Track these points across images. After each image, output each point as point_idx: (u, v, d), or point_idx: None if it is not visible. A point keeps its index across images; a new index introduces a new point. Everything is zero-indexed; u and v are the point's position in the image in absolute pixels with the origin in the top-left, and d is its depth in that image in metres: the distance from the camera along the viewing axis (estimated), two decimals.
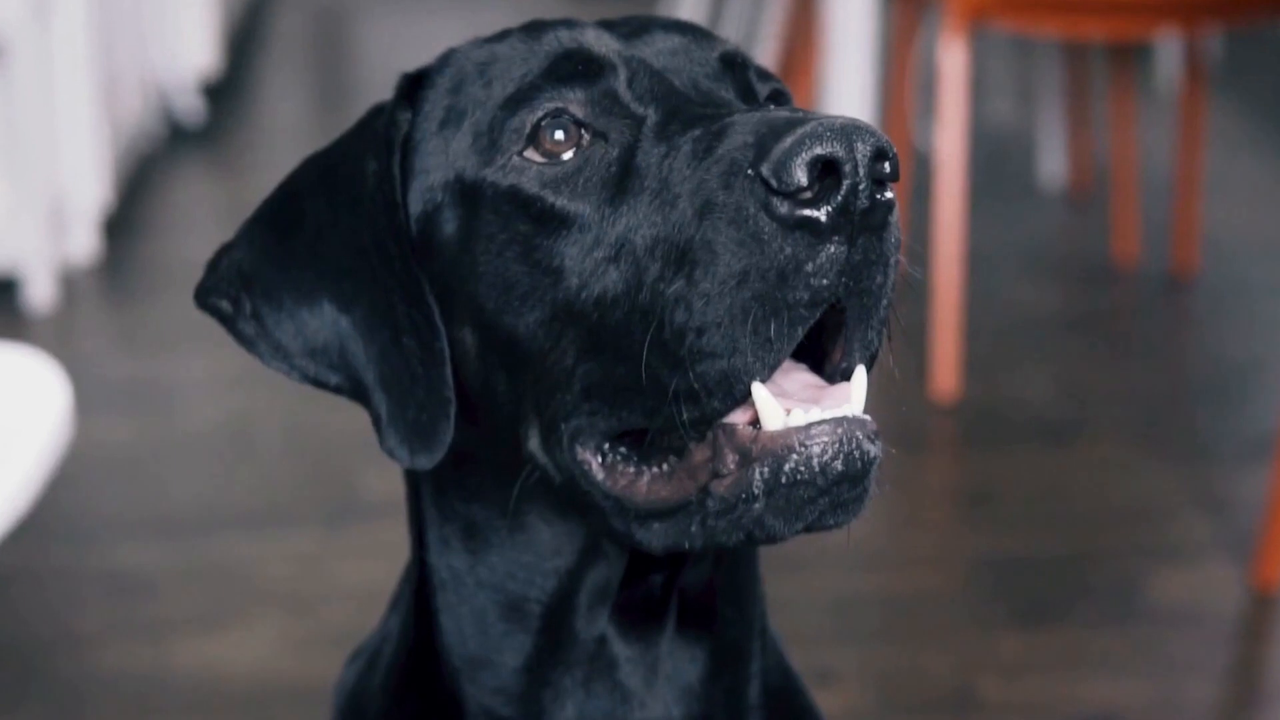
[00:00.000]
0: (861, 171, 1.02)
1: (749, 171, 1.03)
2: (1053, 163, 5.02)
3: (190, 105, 5.65)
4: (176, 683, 2.48)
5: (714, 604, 1.22)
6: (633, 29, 1.22)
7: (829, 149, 1.01)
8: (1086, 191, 4.91)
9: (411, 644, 1.27)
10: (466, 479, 1.22)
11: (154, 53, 5.29)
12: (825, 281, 1.03)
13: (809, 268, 1.03)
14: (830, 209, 1.02)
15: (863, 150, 1.02)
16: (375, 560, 2.77)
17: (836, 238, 1.03)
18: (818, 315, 1.05)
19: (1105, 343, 3.93)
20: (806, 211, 1.02)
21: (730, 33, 5.18)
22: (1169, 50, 5.82)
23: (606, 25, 1.24)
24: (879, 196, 1.04)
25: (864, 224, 1.03)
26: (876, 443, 1.06)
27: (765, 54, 4.66)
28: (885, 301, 1.08)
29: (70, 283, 4.16)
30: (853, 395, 1.08)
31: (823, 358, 1.10)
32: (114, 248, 4.41)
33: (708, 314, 1.04)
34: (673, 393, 1.05)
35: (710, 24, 5.24)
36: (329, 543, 2.88)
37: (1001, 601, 2.69)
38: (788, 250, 1.02)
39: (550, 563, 1.19)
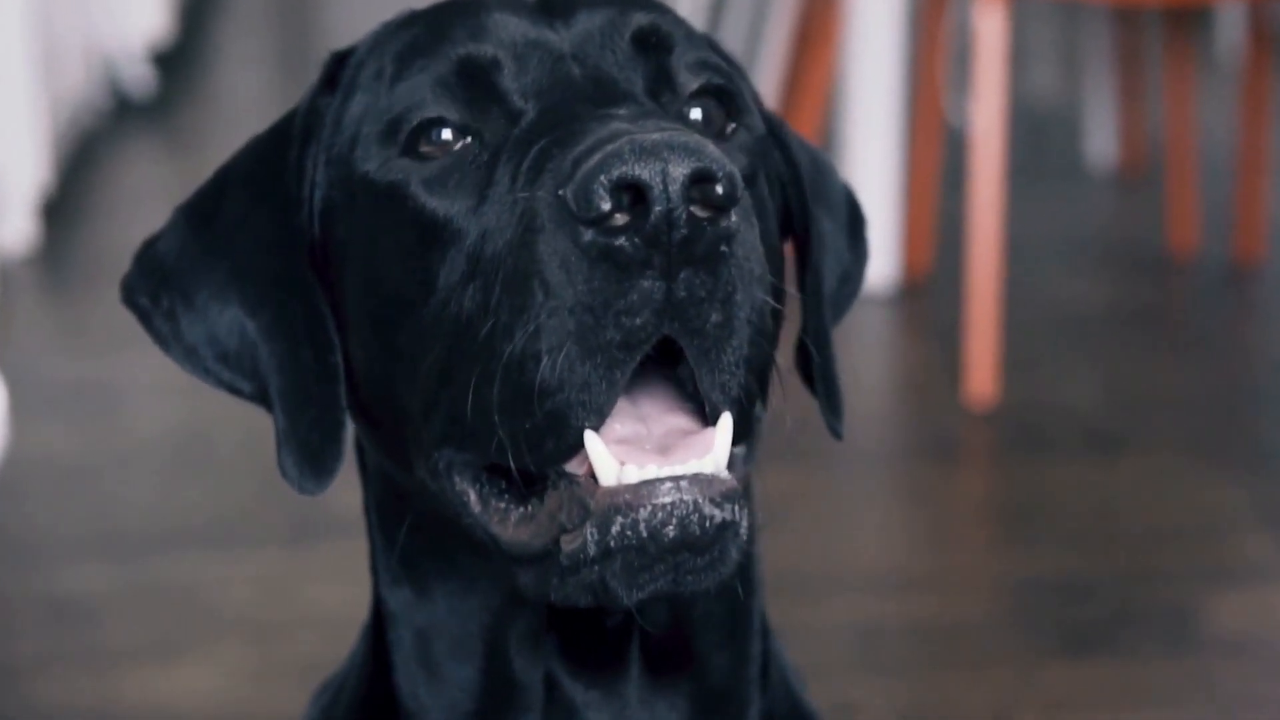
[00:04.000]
0: (674, 196, 1.00)
1: (559, 193, 1.03)
2: (1102, 141, 5.03)
3: (138, 76, 5.66)
4: (124, 718, 2.49)
5: (688, 647, 1.23)
6: (560, 7, 1.23)
7: (631, 171, 1.00)
8: (1139, 172, 4.91)
9: (371, 681, 1.30)
10: (396, 506, 1.25)
11: (98, 17, 5.30)
12: (638, 321, 1.02)
13: (619, 305, 1.02)
14: (636, 239, 1.01)
15: (676, 171, 1.00)
16: (344, 583, 2.77)
17: (649, 271, 1.02)
18: (637, 358, 1.04)
19: (1159, 341, 3.94)
20: (613, 241, 1.01)
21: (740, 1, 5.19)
22: (1231, 15, 5.83)
23: (547, 6, 1.24)
24: (709, 226, 1.02)
25: (684, 256, 1.02)
26: (727, 505, 1.05)
27: (778, 22, 4.67)
28: (735, 342, 1.06)
29: (4, 274, 4.17)
30: (715, 445, 1.07)
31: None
32: (54, 234, 4.42)
33: (526, 348, 1.04)
34: (503, 431, 1.07)
35: None
36: (293, 564, 2.89)
37: (1043, 629, 2.70)
38: (595, 284, 1.02)
39: (484, 598, 1.22)
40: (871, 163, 4.05)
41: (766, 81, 4.52)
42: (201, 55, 6.46)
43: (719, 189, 1.02)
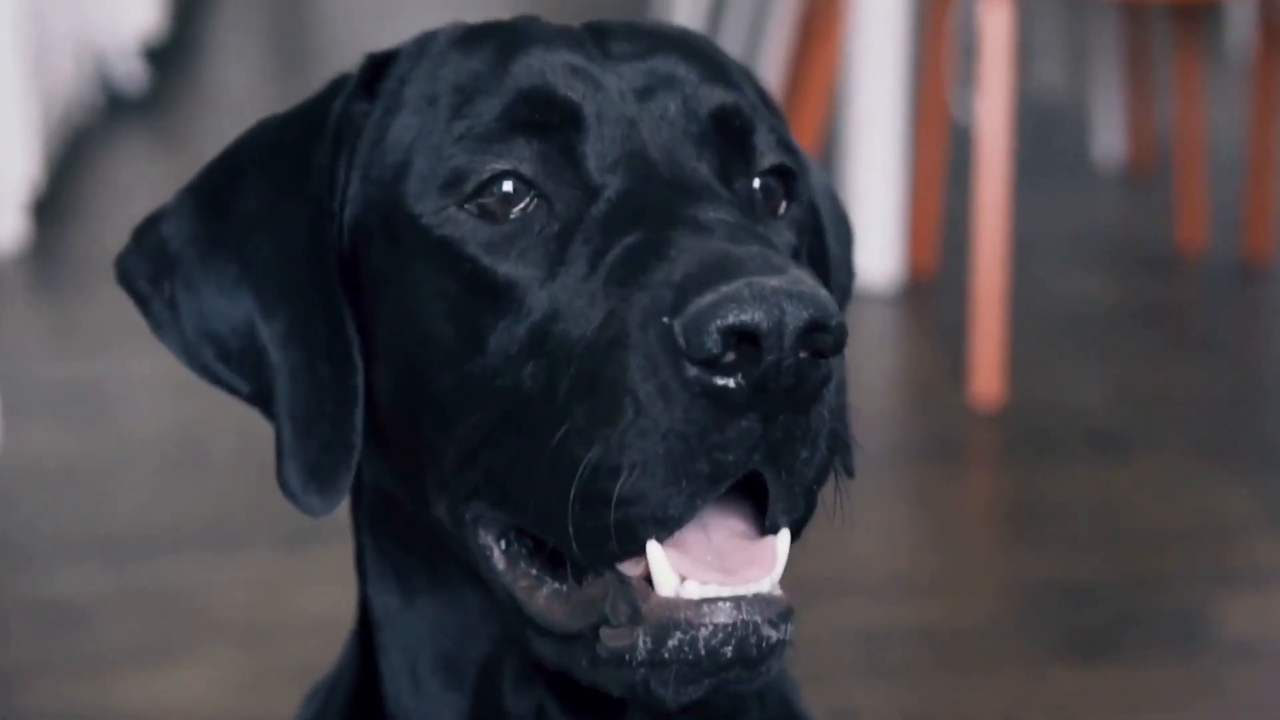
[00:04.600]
0: (786, 345, 1.01)
1: (664, 320, 1.03)
2: (1109, 137, 5.03)
3: (130, 71, 5.66)
4: None
5: None
6: (631, 48, 1.21)
7: (750, 317, 1.00)
8: (1147, 170, 4.92)
9: (360, 683, 1.30)
10: (392, 522, 1.25)
11: (90, 12, 5.30)
12: (731, 458, 1.03)
13: (713, 440, 1.03)
14: (744, 384, 1.02)
15: (794, 320, 1.01)
16: (339, 587, 2.76)
17: (751, 413, 1.02)
18: (723, 489, 1.05)
19: (1167, 340, 3.95)
20: (717, 380, 1.02)
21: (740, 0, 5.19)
22: (1240, 10, 5.83)
23: (600, 33, 1.23)
24: (809, 370, 1.03)
25: (786, 401, 1.03)
26: (783, 625, 1.07)
27: (780, 18, 4.67)
28: (813, 475, 1.07)
29: None
30: (775, 564, 1.09)
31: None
32: (45, 232, 4.42)
33: (604, 458, 1.04)
34: (566, 523, 1.06)
35: None
36: (288, 567, 2.89)
37: (1050, 633, 2.70)
38: (692, 416, 1.02)
39: (483, 626, 1.21)
40: (875, 160, 4.06)
41: (769, 78, 4.52)
42: (194, 51, 6.47)
43: (830, 338, 1.03)
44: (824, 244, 1.33)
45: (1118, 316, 4.05)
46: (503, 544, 1.14)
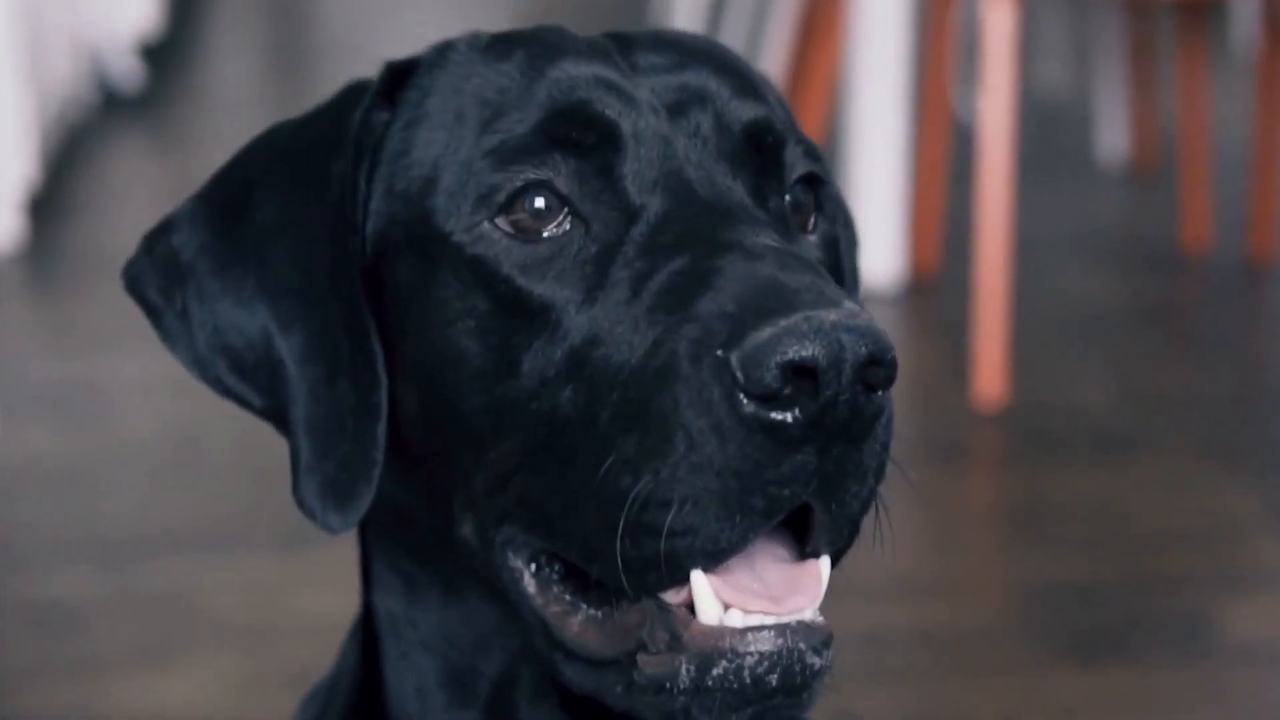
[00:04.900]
0: (844, 380, 1.01)
1: (718, 353, 1.03)
2: (1113, 135, 5.03)
3: (127, 69, 5.66)
4: None
5: None
6: (659, 60, 1.20)
7: (809, 353, 1.00)
8: (1151, 168, 4.92)
9: (362, 688, 1.29)
10: (404, 535, 1.23)
11: (86, 10, 5.31)
12: (785, 492, 1.03)
13: (768, 474, 1.03)
14: (802, 419, 1.02)
15: (852, 356, 1.01)
16: (336, 589, 2.77)
17: (806, 447, 1.03)
18: (774, 522, 1.05)
19: (1171, 341, 3.95)
20: (774, 415, 1.02)
21: None
22: (1244, 7, 5.83)
23: (625, 44, 1.21)
24: (864, 404, 1.03)
25: (841, 435, 1.03)
26: (825, 652, 1.07)
27: (781, 14, 4.67)
28: (860, 506, 1.08)
29: None
30: (818, 589, 1.09)
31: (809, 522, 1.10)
32: (40, 232, 4.42)
33: (654, 491, 1.04)
34: (611, 552, 1.06)
35: None
36: (284, 569, 2.89)
37: (1052, 636, 2.70)
38: (747, 451, 1.02)
39: (498, 640, 1.21)
40: (878, 158, 4.06)
41: (769, 75, 4.52)
42: (190, 49, 6.47)
43: (884, 372, 1.03)
44: (838, 252, 1.33)
45: (1121, 316, 4.05)
46: (533, 567, 1.13)
